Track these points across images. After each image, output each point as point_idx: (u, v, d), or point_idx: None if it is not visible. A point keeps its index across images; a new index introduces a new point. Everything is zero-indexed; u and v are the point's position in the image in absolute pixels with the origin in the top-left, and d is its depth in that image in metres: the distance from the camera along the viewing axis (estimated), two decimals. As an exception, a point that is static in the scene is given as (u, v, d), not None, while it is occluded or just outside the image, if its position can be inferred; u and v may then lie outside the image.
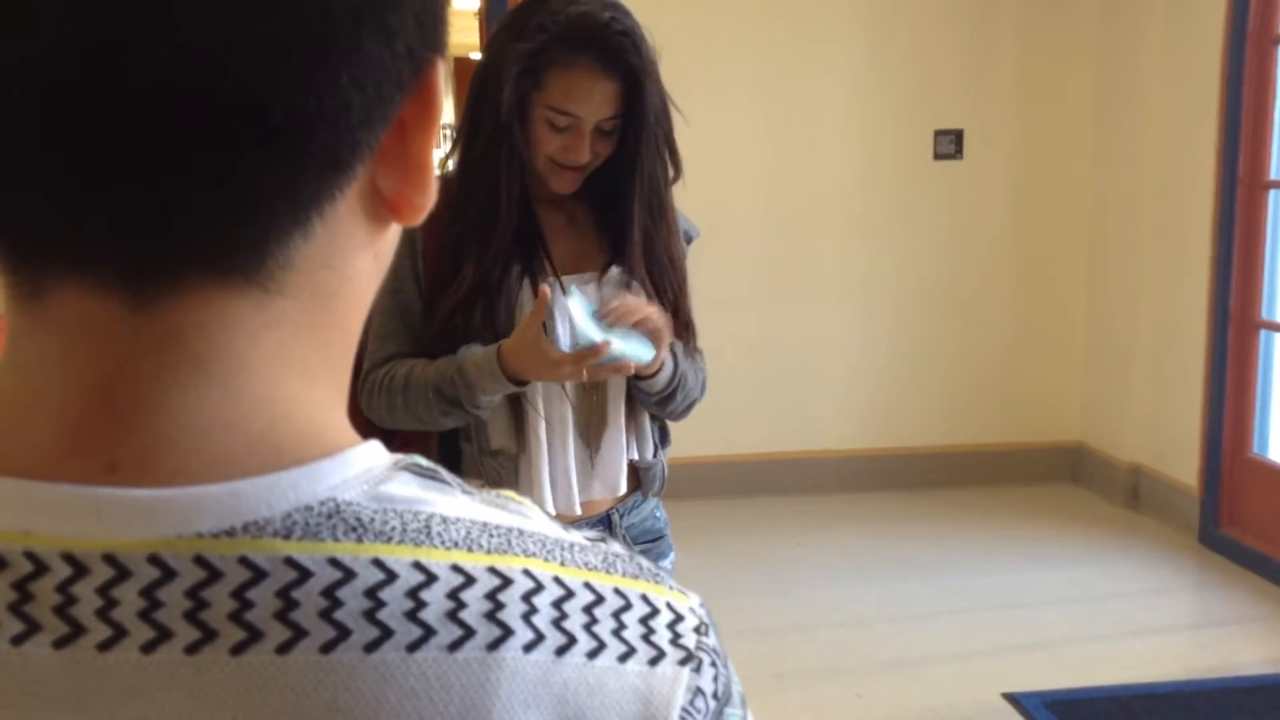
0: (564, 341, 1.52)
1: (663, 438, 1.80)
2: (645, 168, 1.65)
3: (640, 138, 1.62)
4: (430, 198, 0.47)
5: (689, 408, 1.76)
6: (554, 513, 1.62)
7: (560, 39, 1.56)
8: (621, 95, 1.60)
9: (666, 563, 1.82)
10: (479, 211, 1.63)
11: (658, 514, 1.82)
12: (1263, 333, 4.15)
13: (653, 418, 1.76)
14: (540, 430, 1.66)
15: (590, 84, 1.58)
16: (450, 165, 1.70)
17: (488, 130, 1.61)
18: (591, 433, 1.70)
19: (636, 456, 1.74)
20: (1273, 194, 4.08)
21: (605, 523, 1.74)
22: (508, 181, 1.62)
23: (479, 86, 1.63)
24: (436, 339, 1.64)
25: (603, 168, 1.66)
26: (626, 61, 1.58)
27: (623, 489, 1.73)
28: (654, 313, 1.60)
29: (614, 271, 1.70)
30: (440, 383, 1.60)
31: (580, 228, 1.74)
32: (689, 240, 1.80)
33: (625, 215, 1.67)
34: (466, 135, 1.66)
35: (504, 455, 1.68)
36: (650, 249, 1.69)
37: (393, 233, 0.49)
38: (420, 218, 0.48)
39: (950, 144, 4.85)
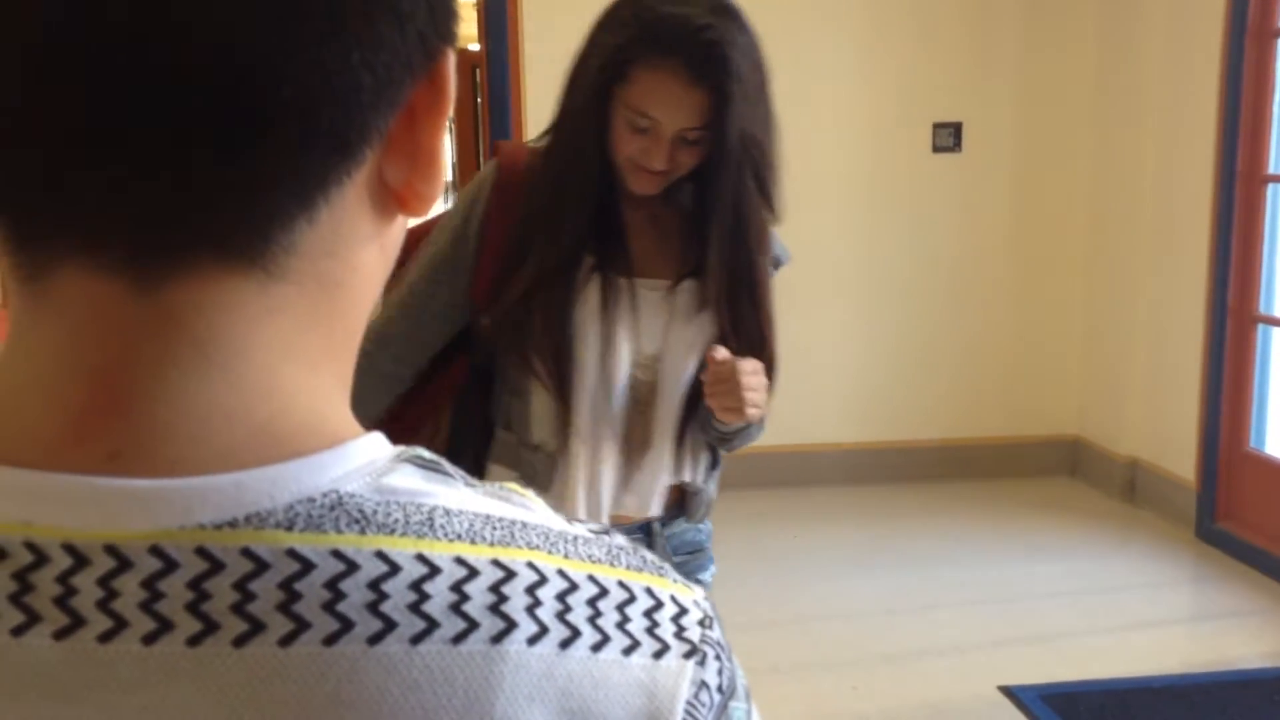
0: None
1: (713, 462, 1.74)
2: (726, 193, 1.55)
3: (722, 159, 1.52)
4: (438, 188, 0.47)
5: (744, 445, 1.71)
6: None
7: (649, 37, 1.47)
8: (710, 108, 1.48)
9: (706, 575, 1.76)
10: (550, 200, 1.57)
11: (701, 526, 1.76)
12: (1260, 327, 4.15)
13: (708, 444, 1.71)
14: (581, 433, 1.60)
15: (675, 90, 1.47)
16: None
17: (569, 121, 1.56)
18: (633, 449, 1.64)
19: (688, 479, 1.68)
20: (1271, 188, 4.08)
21: (645, 530, 1.67)
22: (581, 175, 1.55)
23: (570, 75, 1.58)
24: (499, 329, 1.59)
25: (692, 176, 1.58)
26: (716, 75, 1.46)
27: (654, 510, 1.66)
28: (753, 397, 1.53)
29: (687, 284, 1.62)
30: None
31: (662, 231, 1.65)
32: (776, 265, 1.70)
33: (704, 238, 1.58)
34: (555, 122, 1.60)
35: (543, 451, 1.62)
36: (731, 278, 1.60)
37: (399, 226, 0.49)
38: (427, 209, 0.48)
39: (949, 137, 4.84)
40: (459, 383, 1.66)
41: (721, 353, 1.53)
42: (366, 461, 0.44)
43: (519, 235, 1.57)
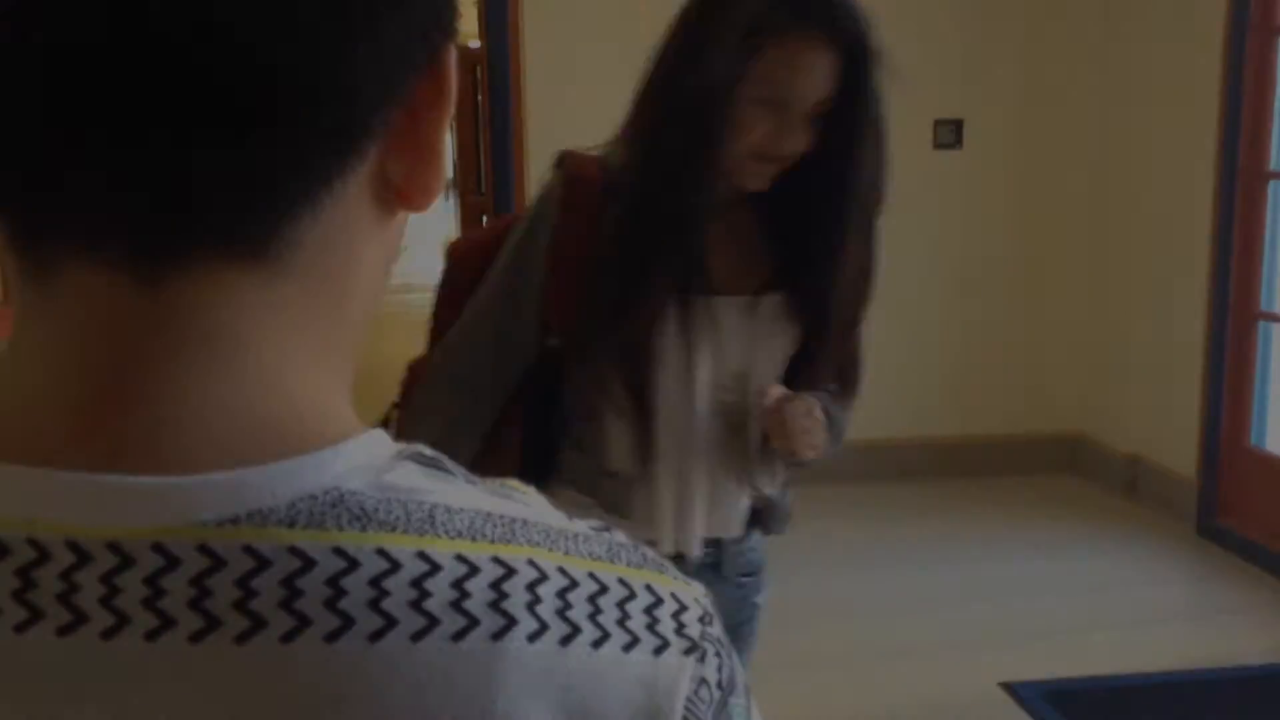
0: None
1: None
2: (868, 166, 1.43)
3: (860, 129, 1.40)
4: (440, 183, 0.47)
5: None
6: (669, 551, 1.52)
7: (783, 4, 1.36)
8: (840, 74, 1.38)
9: (760, 598, 1.70)
10: (670, 220, 1.42)
11: (757, 546, 1.69)
12: (1261, 324, 4.15)
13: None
14: (665, 460, 1.51)
15: (815, 55, 1.37)
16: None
17: (690, 114, 1.38)
18: (725, 471, 1.56)
19: (768, 493, 1.61)
20: (1273, 185, 4.08)
21: (716, 544, 1.61)
22: (712, 182, 1.40)
23: (672, 59, 1.41)
24: (575, 353, 1.48)
25: (791, 169, 1.44)
26: (852, 32, 1.38)
27: (736, 530, 1.61)
28: (804, 441, 1.44)
29: (769, 296, 1.50)
30: None
31: (740, 240, 1.51)
32: None
33: (834, 226, 1.45)
34: (650, 121, 1.43)
35: (622, 478, 1.53)
36: (859, 277, 1.48)
37: (400, 221, 0.49)
38: (429, 204, 0.48)
39: (950, 133, 4.84)
40: (522, 406, 1.57)
41: (771, 395, 1.45)
42: (367, 459, 0.44)
43: (612, 254, 1.44)
